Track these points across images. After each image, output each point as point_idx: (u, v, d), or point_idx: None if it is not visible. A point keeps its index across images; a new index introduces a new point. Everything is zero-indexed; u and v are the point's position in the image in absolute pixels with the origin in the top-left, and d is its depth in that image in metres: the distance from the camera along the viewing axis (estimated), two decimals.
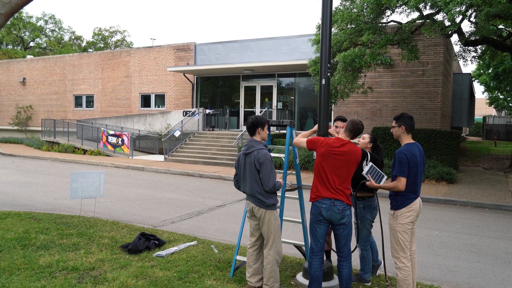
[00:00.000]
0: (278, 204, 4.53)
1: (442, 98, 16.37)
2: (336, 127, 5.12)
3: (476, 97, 40.18)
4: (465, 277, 5.52)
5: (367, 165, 4.42)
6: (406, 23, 11.82)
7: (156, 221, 8.04)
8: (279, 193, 4.80)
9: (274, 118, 20.07)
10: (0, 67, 30.34)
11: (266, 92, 20.88)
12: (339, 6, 12.70)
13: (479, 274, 5.63)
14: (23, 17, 47.12)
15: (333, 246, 5.11)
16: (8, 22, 45.27)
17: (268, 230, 4.33)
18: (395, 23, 14.15)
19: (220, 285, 4.52)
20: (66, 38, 52.60)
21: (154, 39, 47.23)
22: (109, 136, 20.36)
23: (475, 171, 15.84)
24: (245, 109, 21.27)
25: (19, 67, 29.22)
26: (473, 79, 41.30)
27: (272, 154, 4.86)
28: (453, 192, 11.46)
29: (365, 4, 11.63)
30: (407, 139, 4.28)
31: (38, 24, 49.58)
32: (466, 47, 14.94)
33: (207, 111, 20.88)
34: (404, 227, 4.11)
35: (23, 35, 48.93)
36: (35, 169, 15.27)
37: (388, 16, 13.08)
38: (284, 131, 17.81)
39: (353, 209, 4.83)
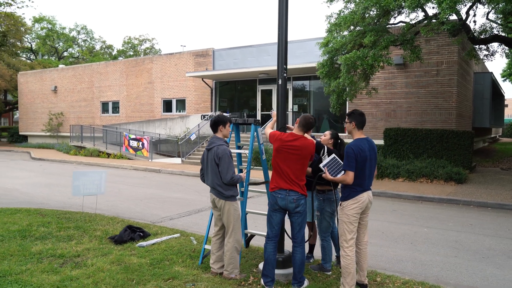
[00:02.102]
0: (239, 197, 4.85)
1: (457, 98, 16.14)
2: None
3: (507, 97, 38.76)
4: (436, 270, 5.63)
5: (328, 157, 4.63)
6: (405, 23, 11.87)
7: (155, 218, 8.49)
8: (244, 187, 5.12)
9: (290, 121, 20.31)
10: (34, 76, 32.11)
11: None
12: (343, 9, 12.87)
13: (451, 267, 5.72)
14: (57, 29, 49.58)
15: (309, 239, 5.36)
16: (43, 34, 47.74)
17: (228, 220, 4.66)
18: (404, 24, 14.14)
19: (186, 271, 4.88)
20: (98, 47, 54.86)
21: (184, 46, 48.26)
22: (130, 140, 21.21)
23: (491, 171, 15.51)
24: (262, 113, 21.59)
25: (51, 76, 30.83)
26: (504, 78, 39.75)
27: (237, 151, 5.18)
28: (458, 191, 11.36)
29: (367, 7, 11.75)
30: (357, 134, 4.49)
31: (71, 34, 52.04)
32: (478, 46, 14.72)
33: (225, 114, 21.36)
34: (349, 218, 4.33)
35: (57, 45, 51.46)
36: (59, 172, 16.19)
37: (395, 17, 13.15)
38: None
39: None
